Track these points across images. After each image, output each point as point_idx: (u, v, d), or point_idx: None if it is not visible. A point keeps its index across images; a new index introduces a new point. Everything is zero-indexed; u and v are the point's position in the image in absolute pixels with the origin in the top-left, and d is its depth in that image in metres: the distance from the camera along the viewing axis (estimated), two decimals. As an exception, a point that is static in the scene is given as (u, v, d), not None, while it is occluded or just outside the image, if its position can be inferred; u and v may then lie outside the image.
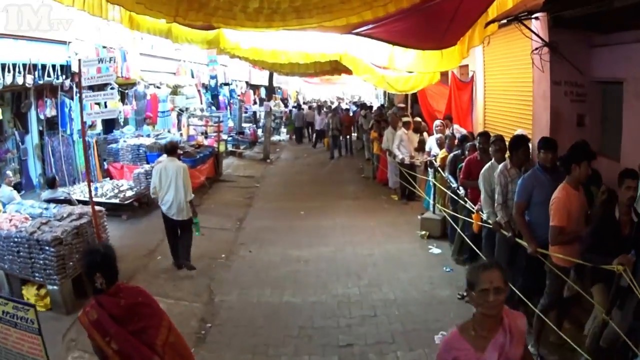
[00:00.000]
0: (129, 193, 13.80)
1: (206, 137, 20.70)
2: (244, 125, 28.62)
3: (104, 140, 16.75)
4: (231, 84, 32.15)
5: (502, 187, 7.69)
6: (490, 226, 8.05)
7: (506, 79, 12.74)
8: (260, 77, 36.33)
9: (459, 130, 13.82)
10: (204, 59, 26.22)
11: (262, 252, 11.11)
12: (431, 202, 12.44)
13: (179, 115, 21.52)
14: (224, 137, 23.46)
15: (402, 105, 20.38)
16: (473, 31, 9.87)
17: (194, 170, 15.23)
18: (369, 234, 12.12)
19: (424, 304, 8.43)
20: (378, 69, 13.80)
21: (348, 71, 17.85)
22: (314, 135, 29.42)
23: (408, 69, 11.92)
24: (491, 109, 14.09)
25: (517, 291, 6.97)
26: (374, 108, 28.67)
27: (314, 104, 40.10)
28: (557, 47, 9.39)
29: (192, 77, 24.48)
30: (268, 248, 11.36)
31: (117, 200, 13.24)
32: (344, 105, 37.29)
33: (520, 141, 7.84)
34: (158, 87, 20.14)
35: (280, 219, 13.68)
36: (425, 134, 15.81)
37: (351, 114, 27.69)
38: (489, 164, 8.35)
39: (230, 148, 24.19)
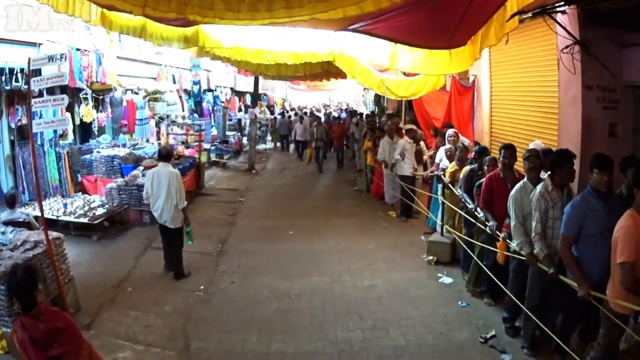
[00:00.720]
0: (100, 211, 12.36)
1: (187, 147, 18.97)
2: (228, 133, 26.93)
3: (78, 150, 15.24)
4: (215, 90, 30.56)
5: (541, 213, 6.32)
6: (521, 258, 6.72)
7: (519, 82, 11.39)
8: (246, 84, 34.96)
9: (462, 141, 12.34)
10: (187, 64, 24.80)
11: (247, 284, 9.50)
12: (438, 222, 10.94)
13: (158, 123, 19.79)
14: (207, 146, 21.91)
15: (395, 111, 18.85)
16: (488, 28, 8.49)
17: None
18: (368, 259, 10.53)
19: (442, 350, 6.97)
20: (377, 72, 12.31)
21: (341, 74, 16.40)
22: (298, 146, 26.08)
23: (412, 70, 10.36)
24: (499, 117, 12.78)
25: (553, 336, 6.10)
26: (364, 115, 27.35)
27: (295, 112, 38.30)
28: (589, 46, 8.01)
29: (174, 82, 22.88)
30: (253, 278, 9.76)
31: (86, 220, 11.78)
32: (334, 113, 35.42)
33: (565, 157, 6.45)
34: (136, 93, 18.40)
35: (266, 240, 12.07)
36: (422, 143, 14.56)
37: (342, 123, 26.09)
38: (520, 184, 6.98)
39: (213, 158, 22.66)
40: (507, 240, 7.17)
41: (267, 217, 14.21)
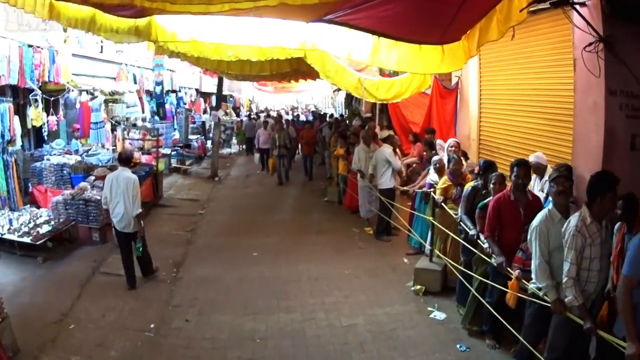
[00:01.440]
0: (45, 228, 10.80)
1: (144, 153, 17.18)
2: (191, 137, 25.05)
3: (30, 157, 13.77)
4: (180, 91, 28.83)
5: (577, 252, 4.95)
6: (544, 303, 5.37)
7: (517, 85, 9.97)
8: (212, 85, 32.96)
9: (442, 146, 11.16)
10: (149, 63, 23.14)
11: (204, 322, 7.84)
12: (426, 245, 9.48)
13: (115, 127, 17.95)
14: (166, 151, 20.17)
15: (369, 114, 17.32)
16: (489, 20, 7.04)
17: None
18: (345, 289, 8.93)
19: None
20: (353, 71, 10.72)
21: (311, 75, 14.89)
22: (262, 156, 21.97)
23: (398, 67, 8.77)
24: (490, 123, 11.45)
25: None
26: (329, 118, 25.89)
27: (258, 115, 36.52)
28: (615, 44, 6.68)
29: (135, 82, 21.24)
30: (211, 315, 8.09)
31: (29, 239, 10.27)
32: (302, 116, 33.53)
33: (608, 183, 5.04)
34: (92, 94, 16.60)
35: (228, 263, 10.43)
36: (397, 150, 12.97)
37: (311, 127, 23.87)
38: (544, 212, 5.56)
39: (174, 164, 20.87)
40: (523, 281, 5.78)
41: (229, 234, 12.58)
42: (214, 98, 37.27)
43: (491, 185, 7.04)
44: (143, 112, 21.34)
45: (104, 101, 17.99)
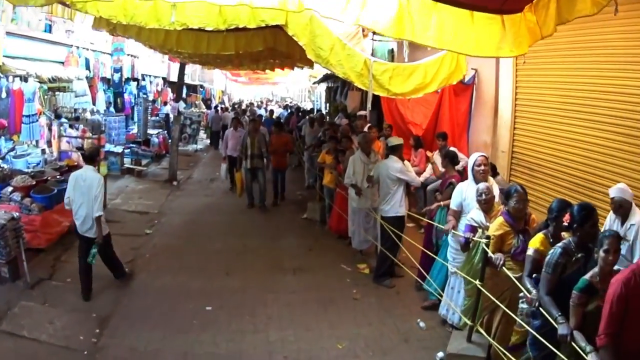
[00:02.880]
0: None
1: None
2: (151, 131, 21.37)
3: None
4: (144, 79, 25.30)
5: None
6: None
7: (574, 85, 7.46)
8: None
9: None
10: (107, 47, 19.86)
11: None
12: (455, 308, 6.41)
13: (51, 121, 14.45)
14: (117, 150, 16.65)
15: (364, 113, 14.02)
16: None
17: (50, 213, 9.67)
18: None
19: None
20: (358, 50, 7.17)
21: (291, 59, 11.83)
22: (232, 167, 15.10)
23: (437, 43, 5.38)
24: (529, 133, 8.95)
25: None
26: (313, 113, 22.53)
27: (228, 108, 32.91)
28: None
29: (88, 68, 17.88)
30: None
31: None
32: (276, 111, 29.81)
33: None
34: (25, 80, 13.19)
35: (170, 325, 7.06)
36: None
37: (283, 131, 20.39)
38: None
39: (128, 164, 17.34)
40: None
41: (178, 270, 9.13)
42: (183, 88, 33.96)
43: (601, 254, 4.05)
44: (94, 103, 17.91)
45: (47, 89, 15.15)
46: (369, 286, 8.51)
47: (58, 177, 10.91)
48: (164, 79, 28.95)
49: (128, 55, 21.23)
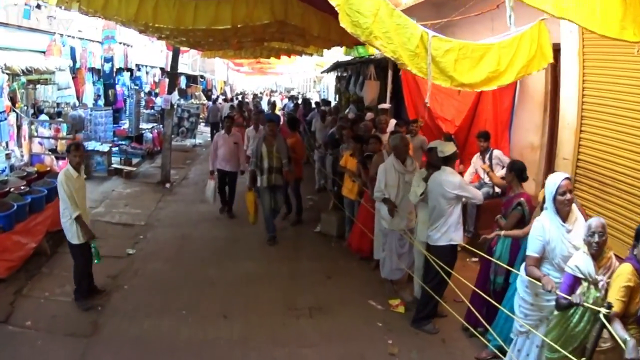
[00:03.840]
0: None
1: (59, 157, 11.52)
2: (144, 126, 19.24)
3: None
4: (139, 69, 23.22)
5: None
6: None
7: None
8: (182, 64, 27.68)
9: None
10: (96, 35, 17.93)
11: None
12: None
13: (20, 118, 12.37)
14: (103, 148, 14.53)
15: (386, 106, 11.91)
16: None
17: (9, 235, 7.76)
18: None
19: None
20: (410, 20, 4.83)
21: (301, 41, 10.86)
22: (222, 186, 11.76)
23: (554, 9, 3.24)
24: (602, 138, 7.19)
25: None
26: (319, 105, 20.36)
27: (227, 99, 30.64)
28: None
29: (73, 58, 15.92)
30: None
31: None
32: (278, 102, 27.38)
33: None
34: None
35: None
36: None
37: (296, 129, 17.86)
38: None
39: (116, 164, 15.24)
40: None
41: (161, 311, 7.01)
42: (183, 79, 31.86)
43: None
44: (79, 96, 15.98)
45: (27, 82, 13.23)
46: (407, 332, 6.51)
47: (23, 187, 8.91)
48: (162, 69, 26.91)
49: (120, 43, 19.29)
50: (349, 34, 4.36)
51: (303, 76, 43.65)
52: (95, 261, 7.26)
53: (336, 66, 20.14)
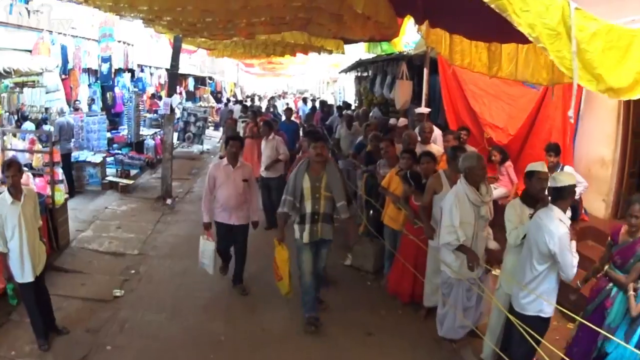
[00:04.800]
0: None
1: (36, 174, 9.67)
2: (145, 132, 17.49)
3: None
4: (143, 70, 21.61)
5: None
6: None
7: None
8: (189, 64, 26.13)
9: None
10: (94, 33, 16.44)
11: None
12: None
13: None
14: (95, 159, 12.84)
15: (424, 110, 10.12)
16: None
17: None
18: None
19: None
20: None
21: (334, 26, 8.35)
22: (224, 248, 7.76)
23: None
24: None
25: None
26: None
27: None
28: None
29: (65, 58, 14.43)
30: None
31: None
32: (291, 104, 25.35)
33: None
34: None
35: None
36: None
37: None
38: None
39: (111, 176, 13.55)
40: None
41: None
42: (191, 80, 30.16)
43: None
44: (69, 100, 14.49)
45: (12, 85, 12.08)
46: None
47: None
48: (167, 70, 25.22)
49: (119, 42, 17.66)
50: (394, 19, 2.63)
51: (316, 77, 41.86)
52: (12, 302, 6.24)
53: (357, 65, 18.25)
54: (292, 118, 14.96)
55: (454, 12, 5.30)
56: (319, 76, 39.55)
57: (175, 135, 20.20)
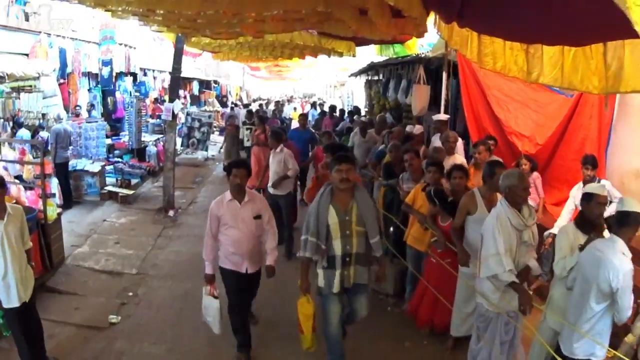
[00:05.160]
0: None
1: (28, 187, 9.03)
2: (146, 140, 16.87)
3: None
4: (145, 74, 21.00)
5: None
6: None
7: None
8: (194, 68, 25.68)
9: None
10: (94, 35, 15.99)
11: None
12: None
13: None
14: (93, 168, 12.30)
15: (444, 117, 9.49)
16: None
17: None
18: None
19: None
20: None
21: (325, 43, 10.20)
22: (238, 313, 6.00)
23: None
24: None
25: None
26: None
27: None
28: None
29: (64, 61, 14.01)
30: None
31: None
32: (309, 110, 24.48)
33: None
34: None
35: None
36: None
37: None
38: None
39: (110, 186, 13.00)
40: None
41: None
42: (195, 84, 29.60)
43: None
44: (67, 105, 14.02)
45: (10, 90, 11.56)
46: None
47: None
48: (170, 73, 24.69)
49: (121, 45, 17.20)
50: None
51: (323, 81, 41.27)
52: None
53: (369, 68, 17.63)
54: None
55: (494, 8, 4.68)
56: (325, 80, 38.98)
57: (179, 141, 19.71)
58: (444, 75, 10.11)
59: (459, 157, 7.85)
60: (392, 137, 9.29)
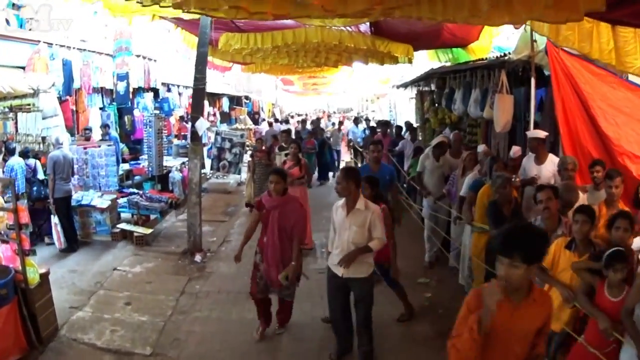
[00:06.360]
0: None
1: (4, 241, 7.04)
2: (169, 164, 14.83)
3: None
4: (169, 90, 19.43)
5: None
6: None
7: None
8: (224, 84, 24.35)
9: None
10: (106, 46, 14.33)
11: None
12: None
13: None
14: (101, 203, 10.38)
15: (541, 134, 7.34)
16: None
17: None
18: None
19: None
20: None
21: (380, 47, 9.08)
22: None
23: None
24: None
25: None
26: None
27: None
28: None
29: (69, 75, 12.20)
30: None
31: None
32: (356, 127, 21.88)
33: None
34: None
35: None
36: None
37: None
38: None
39: (126, 223, 10.95)
40: None
41: None
42: (225, 100, 27.76)
43: None
44: (69, 128, 12.29)
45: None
46: None
47: None
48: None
49: (138, 56, 15.51)
50: None
51: (358, 95, 39.14)
52: None
53: (424, 77, 15.42)
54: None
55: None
56: (362, 93, 36.82)
57: (208, 163, 17.78)
58: (532, 82, 7.98)
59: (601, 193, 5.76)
60: (498, 168, 6.98)
